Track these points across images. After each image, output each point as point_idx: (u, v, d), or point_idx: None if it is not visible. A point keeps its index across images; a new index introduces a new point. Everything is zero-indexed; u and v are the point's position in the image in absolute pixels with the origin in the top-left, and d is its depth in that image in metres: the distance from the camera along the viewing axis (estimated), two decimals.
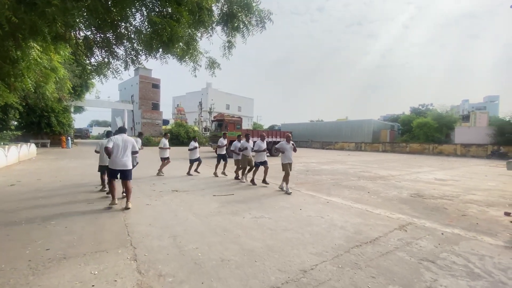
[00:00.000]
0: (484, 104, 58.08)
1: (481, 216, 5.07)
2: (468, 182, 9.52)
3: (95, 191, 6.46)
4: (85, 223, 4.11)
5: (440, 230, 4.17)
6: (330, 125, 41.54)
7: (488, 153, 24.64)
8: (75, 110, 30.19)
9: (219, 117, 19.85)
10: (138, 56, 4.26)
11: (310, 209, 5.30)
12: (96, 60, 4.57)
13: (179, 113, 42.58)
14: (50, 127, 24.31)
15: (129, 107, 35.93)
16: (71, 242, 3.38)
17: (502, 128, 25.21)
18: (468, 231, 4.18)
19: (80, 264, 2.81)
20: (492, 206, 5.87)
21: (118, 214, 4.60)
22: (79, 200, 5.49)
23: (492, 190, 7.95)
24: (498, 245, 3.65)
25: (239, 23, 3.97)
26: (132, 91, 40.50)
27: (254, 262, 2.95)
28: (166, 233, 3.76)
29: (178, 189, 6.81)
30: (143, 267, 2.79)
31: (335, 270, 2.82)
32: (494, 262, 3.10)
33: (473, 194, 7.25)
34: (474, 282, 2.64)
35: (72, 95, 23.08)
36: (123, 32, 4.09)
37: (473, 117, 33.19)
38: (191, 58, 4.39)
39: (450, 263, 3.06)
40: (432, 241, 3.70)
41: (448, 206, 5.80)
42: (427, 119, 32.50)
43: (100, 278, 2.55)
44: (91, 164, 12.24)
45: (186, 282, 2.52)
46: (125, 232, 3.79)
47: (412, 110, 45.29)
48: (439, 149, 28.14)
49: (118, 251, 3.17)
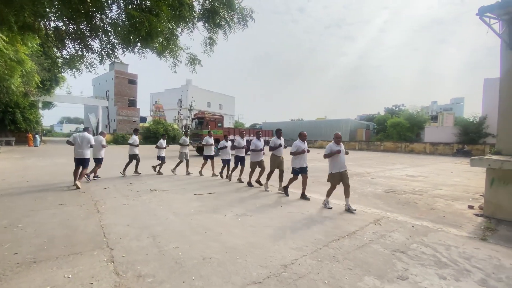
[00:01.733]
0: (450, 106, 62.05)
1: (447, 210, 5.45)
2: (436, 178, 10.17)
3: (66, 191, 6.13)
4: (56, 225, 3.90)
5: (411, 223, 4.44)
6: (310, 124, 42.45)
7: (454, 151, 26.44)
8: (43, 106, 28.29)
9: (200, 115, 19.55)
10: (114, 49, 4.07)
11: (291, 205, 5.40)
12: (68, 53, 4.32)
13: (158, 110, 41.41)
14: (15, 124, 22.62)
15: (103, 104, 34.30)
16: (41, 245, 3.19)
17: (466, 128, 27.15)
18: (436, 223, 4.48)
19: (52, 268, 2.66)
20: (457, 200, 6.33)
21: (92, 215, 4.40)
22: (49, 201, 5.18)
23: (457, 185, 8.55)
24: (462, 236, 3.95)
25: (220, 20, 3.94)
26: (107, 86, 38.69)
27: (236, 259, 2.97)
28: (145, 233, 3.67)
29: (157, 189, 6.64)
30: (121, 268, 2.71)
31: (315, 264, 2.91)
32: (459, 251, 3.36)
33: (440, 189, 7.76)
34: (441, 270, 2.84)
35: (40, 90, 21.61)
36: (98, 24, 3.89)
37: (440, 118, 35.37)
38: (171, 53, 4.28)
39: (420, 253, 3.27)
40: (403, 233, 3.93)
41: (418, 201, 6.17)
42: (400, 119, 34.19)
43: (75, 281, 2.44)
44: (62, 163, 11.58)
45: (167, 281, 2.48)
46: (100, 233, 3.64)
47: (386, 110, 47.37)
48: (410, 148, 29.76)
49: (93, 253, 3.04)
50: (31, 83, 9.21)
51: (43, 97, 24.44)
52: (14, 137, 23.40)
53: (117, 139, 31.47)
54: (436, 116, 40.70)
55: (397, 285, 2.54)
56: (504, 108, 5.25)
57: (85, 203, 5.15)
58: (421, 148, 28.97)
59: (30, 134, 23.38)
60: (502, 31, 5.10)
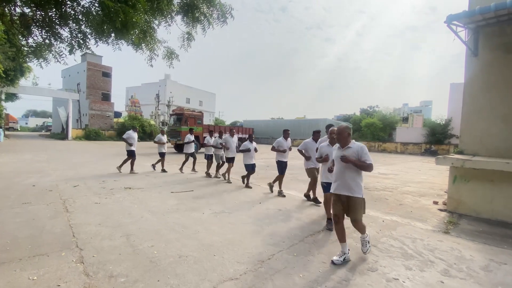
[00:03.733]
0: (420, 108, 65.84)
1: (414, 205, 5.80)
2: (405, 175, 10.77)
3: (31, 188, 5.73)
4: (20, 225, 3.65)
5: (381, 218, 4.67)
6: (290, 122, 42.99)
7: (422, 150, 28.14)
8: (6, 98, 26.11)
9: (179, 111, 19.08)
10: (86, 39, 3.85)
11: (269, 202, 5.46)
12: (35, 41, 4.01)
13: (133, 105, 39.83)
14: None
15: (74, 97, 32.31)
16: (3, 246, 2.98)
17: (433, 129, 28.96)
18: (404, 218, 4.76)
19: (15, 270, 2.50)
20: (423, 196, 6.75)
21: (60, 215, 4.17)
22: (11, 200, 4.83)
23: (424, 182, 9.12)
24: (427, 229, 4.23)
25: (200, 15, 3.86)
26: (78, 78, 36.50)
27: (213, 256, 2.96)
28: (118, 232, 3.54)
29: (131, 186, 6.41)
30: (91, 269, 2.59)
31: (291, 258, 2.98)
32: (424, 244, 3.59)
33: (409, 186, 8.23)
34: (407, 262, 3.03)
35: (3, 80, 19.91)
36: (68, 11, 3.66)
37: (411, 119, 37.41)
38: (148, 46, 4.13)
39: (389, 246, 3.46)
40: (374, 228, 4.13)
41: (388, 197, 6.50)
42: (374, 120, 35.69)
43: (40, 283, 2.30)
44: (27, 159, 10.80)
45: (141, 281, 2.42)
46: (69, 233, 3.46)
47: (361, 111, 49.29)
48: (383, 147, 31.23)
49: (61, 253, 2.88)
50: None
51: (6, 88, 22.53)
52: None
53: (89, 134, 29.90)
54: (407, 118, 42.96)
55: (367, 276, 2.67)
56: (467, 111, 5.67)
57: (52, 201, 4.86)
58: (393, 147, 30.50)
59: None
60: (467, 39, 5.48)
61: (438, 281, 2.64)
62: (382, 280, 2.61)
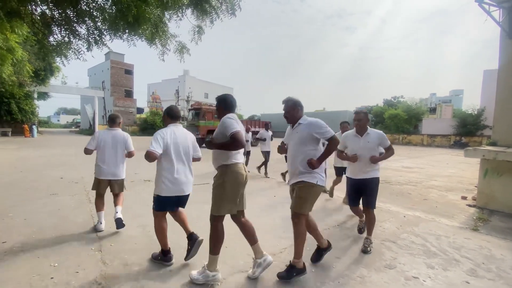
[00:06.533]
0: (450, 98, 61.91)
1: (440, 200, 5.46)
2: (431, 169, 10.20)
3: (59, 181, 6.09)
4: (46, 214, 3.87)
5: (402, 213, 4.44)
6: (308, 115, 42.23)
7: (451, 143, 26.53)
8: (39, 97, 27.89)
9: (197, 106, 19.40)
10: (102, 36, 3.95)
11: (284, 195, 5.39)
12: (55, 39, 4.19)
13: (155, 101, 40.99)
14: (10, 114, 22.36)
15: (99, 94, 33.91)
16: (30, 234, 3.17)
17: (464, 120, 27.15)
18: (427, 214, 4.49)
19: (39, 257, 2.65)
20: (450, 191, 6.35)
21: (84, 205, 4.38)
22: (41, 191, 5.15)
23: (452, 176, 8.58)
24: (453, 226, 3.96)
25: (209, 7, 3.81)
26: (103, 77, 38.18)
27: (225, 248, 2.94)
28: (135, 223, 3.65)
29: (151, 179, 6.61)
30: (108, 257, 2.69)
31: (303, 252, 2.90)
32: (449, 241, 3.36)
33: (435, 180, 7.78)
34: (429, 260, 2.85)
35: (35, 80, 21.28)
36: (84, 9, 3.76)
37: (439, 110, 35.31)
38: (160, 41, 4.17)
39: (409, 242, 3.27)
40: (394, 223, 3.94)
41: (411, 191, 6.18)
42: (398, 111, 34.11)
43: (60, 270, 2.42)
44: (57, 153, 11.52)
45: (154, 270, 2.48)
46: (90, 223, 3.63)
47: (385, 102, 47.20)
48: (408, 139, 29.83)
49: (81, 242, 3.02)
50: (23, 72, 9.02)
51: (38, 87, 24.07)
52: (11, 128, 23.19)
53: None
54: (434, 108, 40.60)
55: (384, 274, 2.54)
56: (501, 99, 5.20)
57: (77, 193, 5.12)
58: (419, 140, 29.03)
59: (26, 125, 23.16)
60: (501, 20, 4.99)
61: (463, 281, 2.45)
62: (400, 278, 2.47)
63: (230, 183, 2.28)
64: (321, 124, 2.43)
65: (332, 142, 2.37)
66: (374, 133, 3.08)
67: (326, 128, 2.41)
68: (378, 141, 3.06)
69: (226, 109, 2.40)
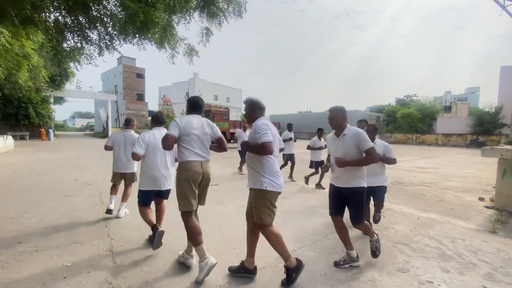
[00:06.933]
0: (465, 95, 59.95)
1: (456, 202, 5.28)
2: (447, 169, 9.88)
3: (73, 182, 6.26)
4: (60, 215, 3.98)
5: (416, 215, 4.31)
6: (319, 116, 41.86)
7: (467, 142, 25.64)
8: (55, 101, 28.88)
9: (206, 108, 19.57)
10: (112, 41, 4.06)
11: (294, 197, 5.35)
12: (68, 45, 4.33)
13: (166, 104, 41.64)
14: (28, 118, 23.24)
15: (112, 98, 34.76)
16: (44, 234, 3.27)
17: (481, 118, 26.20)
18: (443, 216, 4.34)
19: (53, 257, 2.72)
20: (467, 192, 6.12)
21: (96, 206, 4.48)
22: (56, 193, 5.31)
23: (468, 177, 8.28)
24: (470, 228, 3.81)
25: (216, 10, 3.84)
26: (116, 81, 39.14)
27: (233, 249, 2.96)
28: (146, 224, 3.69)
29: None
30: (119, 258, 2.74)
31: (313, 255, 2.86)
32: (466, 244, 3.24)
33: (450, 181, 7.53)
34: (444, 263, 2.74)
35: (51, 85, 22.04)
36: (95, 15, 3.87)
37: (454, 108, 34.28)
38: (169, 44, 4.23)
39: (423, 245, 3.17)
40: (408, 226, 3.82)
41: (426, 193, 6.00)
42: (411, 110, 33.32)
43: (73, 269, 2.48)
44: (72, 157, 11.85)
45: (162, 271, 2.50)
46: (102, 223, 3.70)
47: (397, 101, 46.21)
48: (421, 139, 29.02)
49: (94, 242, 3.09)
50: (39, 77, 9.36)
51: (54, 92, 24.92)
52: (28, 132, 24.08)
53: None
54: (449, 107, 39.45)
55: (396, 277, 2.47)
56: None
57: (90, 194, 5.25)
58: (433, 139, 28.21)
59: (43, 129, 24.00)
60: None
61: (480, 285, 2.35)
62: (413, 282, 2.39)
63: (181, 181, 2.43)
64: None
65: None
66: (351, 132, 2.56)
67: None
68: (354, 142, 2.51)
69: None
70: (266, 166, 2.28)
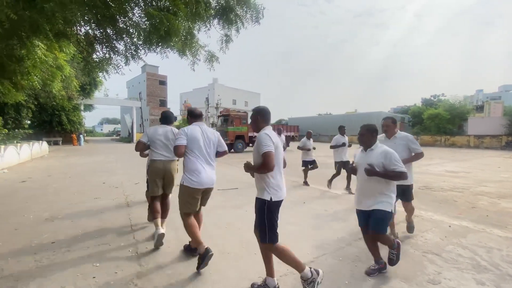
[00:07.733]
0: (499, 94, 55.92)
1: (491, 208, 4.91)
2: (480, 174, 9.24)
3: (102, 185, 6.58)
4: (90, 217, 4.19)
5: (447, 223, 4.06)
6: (339, 118, 41.01)
7: (502, 144, 23.83)
8: (85, 108, 30.75)
9: (225, 112, 19.91)
10: (137, 50, 4.26)
11: (315, 202, 5.24)
12: (97, 56, 4.61)
13: (186, 110, 42.83)
14: (61, 125, 24.92)
15: (137, 104, 36.34)
16: (76, 236, 3.45)
17: None
18: (477, 224, 4.05)
19: (83, 257, 2.86)
20: (504, 198, 5.68)
21: (122, 209, 4.67)
22: (86, 195, 5.60)
23: (504, 181, 7.68)
24: (507, 237, 3.52)
25: (234, 16, 3.91)
26: (140, 88, 40.94)
27: (254, 254, 2.94)
28: (169, 227, 3.78)
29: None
30: (143, 259, 2.83)
31: (336, 263, 2.78)
32: (502, 254, 2.99)
33: (484, 186, 7.02)
34: (480, 275, 2.55)
35: (81, 93, 23.49)
36: (122, 27, 4.08)
37: (487, 107, 32.09)
38: (191, 51, 4.36)
39: (456, 255, 2.96)
40: (438, 234, 3.60)
41: (457, 199, 5.64)
42: (439, 110, 31.62)
43: (101, 270, 2.59)
44: (100, 161, 12.51)
45: (184, 274, 2.54)
46: (128, 225, 3.85)
47: (423, 101, 44.12)
48: (451, 141, 27.41)
49: (120, 244, 3.21)
50: (71, 87, 10.01)
51: (84, 100, 26.55)
52: (61, 137, 25.78)
53: None
54: (481, 106, 36.98)
55: None
56: None
57: (117, 197, 5.49)
58: (464, 141, 26.54)
59: (74, 135, 25.59)
60: None
61: None
62: None
63: (149, 176, 3.45)
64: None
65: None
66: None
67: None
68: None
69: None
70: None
